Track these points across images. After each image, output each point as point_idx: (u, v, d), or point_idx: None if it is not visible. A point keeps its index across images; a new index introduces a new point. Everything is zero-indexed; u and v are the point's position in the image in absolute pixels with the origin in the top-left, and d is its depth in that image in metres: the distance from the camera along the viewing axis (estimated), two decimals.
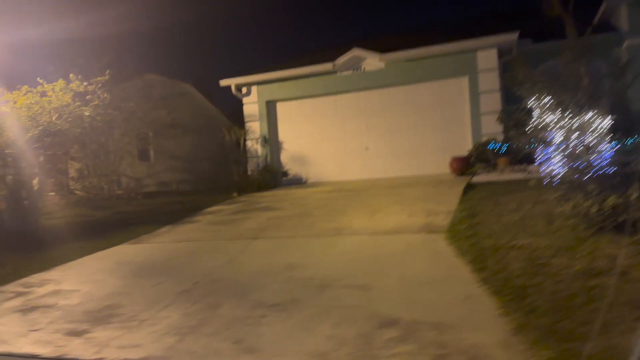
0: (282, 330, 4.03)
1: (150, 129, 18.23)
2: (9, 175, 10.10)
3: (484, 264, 5.01)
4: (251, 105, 14.74)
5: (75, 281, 6.08)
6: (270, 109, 14.70)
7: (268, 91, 14.57)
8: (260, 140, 14.57)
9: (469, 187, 9.46)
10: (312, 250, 6.39)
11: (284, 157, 14.70)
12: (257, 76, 14.46)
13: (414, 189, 10.18)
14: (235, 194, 13.25)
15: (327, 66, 13.53)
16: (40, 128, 9.76)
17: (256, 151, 14.65)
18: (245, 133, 14.60)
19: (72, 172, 16.98)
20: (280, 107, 14.72)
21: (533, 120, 6.34)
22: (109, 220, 11.37)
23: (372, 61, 13.38)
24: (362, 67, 13.57)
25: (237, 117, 15.49)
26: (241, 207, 10.45)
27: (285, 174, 14.49)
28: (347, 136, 13.94)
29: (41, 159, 10.00)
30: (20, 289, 5.97)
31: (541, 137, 6.29)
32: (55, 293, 5.64)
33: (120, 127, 14.12)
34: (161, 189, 19.28)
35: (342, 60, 13.46)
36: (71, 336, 4.30)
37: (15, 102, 10.65)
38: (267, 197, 11.69)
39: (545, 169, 6.42)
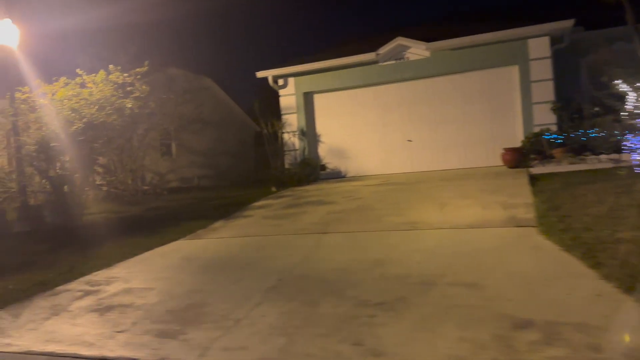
0: (401, 331, 3.66)
1: (174, 123, 17.92)
2: (51, 170, 9.82)
3: (597, 259, 4.58)
4: (288, 97, 14.35)
5: (145, 278, 5.75)
6: (307, 100, 14.31)
7: (305, 83, 14.17)
8: (297, 133, 14.18)
9: (534, 179, 9.03)
10: (392, 245, 6.00)
11: (322, 151, 14.30)
12: (294, 67, 14.06)
13: (471, 181, 9.76)
14: (274, 188, 12.90)
15: (369, 56, 13.10)
16: (84, 120, 9.44)
17: (293, 144, 14.27)
18: (282, 126, 14.21)
19: (98, 168, 16.70)
20: (318, 99, 14.32)
21: (626, 105, 5.91)
22: (150, 216, 11.09)
23: (417, 50, 12.94)
24: (406, 57, 13.13)
25: (272, 109, 15.11)
26: (290, 201, 10.09)
27: (323, 167, 14.10)
28: (389, 128, 13.52)
29: (82, 152, 9.67)
30: (87, 287, 5.65)
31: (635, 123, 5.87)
32: (127, 291, 5.31)
33: (145, 121, 13.76)
34: (184, 184, 19.02)
35: (385, 49, 13.02)
36: (164, 338, 3.96)
37: (54, 94, 10.37)
38: (312, 191, 11.32)
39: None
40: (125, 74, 10.79)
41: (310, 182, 13.06)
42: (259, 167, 25.35)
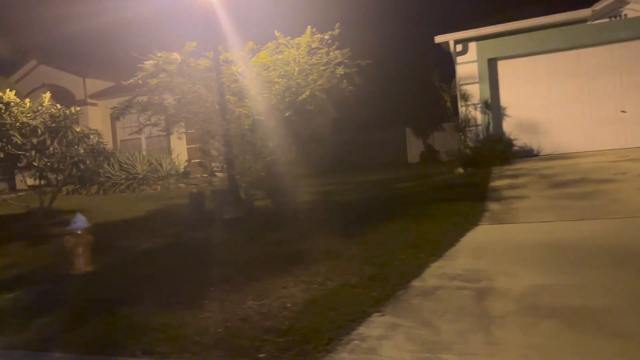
0: None
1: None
2: (265, 148, 8.70)
3: None
4: (467, 65, 12.80)
5: (528, 272, 4.34)
6: (491, 68, 12.71)
7: (490, 47, 12.56)
8: (480, 106, 12.64)
9: None
10: None
11: (507, 126, 12.71)
12: (478, 30, 12.47)
13: None
14: (460, 169, 11.52)
15: (580, 13, 11.41)
16: (310, 87, 8.24)
17: (474, 119, 12.76)
18: (466, 97, 12.70)
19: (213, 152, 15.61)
20: (503, 66, 12.70)
21: None
22: (344, 201, 9.92)
23: (637, 6, 11.14)
24: (623, 13, 11.36)
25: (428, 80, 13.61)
26: (537, 179, 8.76)
27: (511, 144, 12.51)
28: (594, 98, 11.82)
29: (303, 128, 8.50)
30: (458, 283, 4.32)
31: None
32: (540, 289, 3.96)
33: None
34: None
35: (601, 5, 11.29)
36: None
37: (249, 60, 9.23)
38: (538, 169, 9.87)
39: None
40: (324, 36, 9.44)
41: (506, 161, 11.51)
42: (339, 153, 23.82)
